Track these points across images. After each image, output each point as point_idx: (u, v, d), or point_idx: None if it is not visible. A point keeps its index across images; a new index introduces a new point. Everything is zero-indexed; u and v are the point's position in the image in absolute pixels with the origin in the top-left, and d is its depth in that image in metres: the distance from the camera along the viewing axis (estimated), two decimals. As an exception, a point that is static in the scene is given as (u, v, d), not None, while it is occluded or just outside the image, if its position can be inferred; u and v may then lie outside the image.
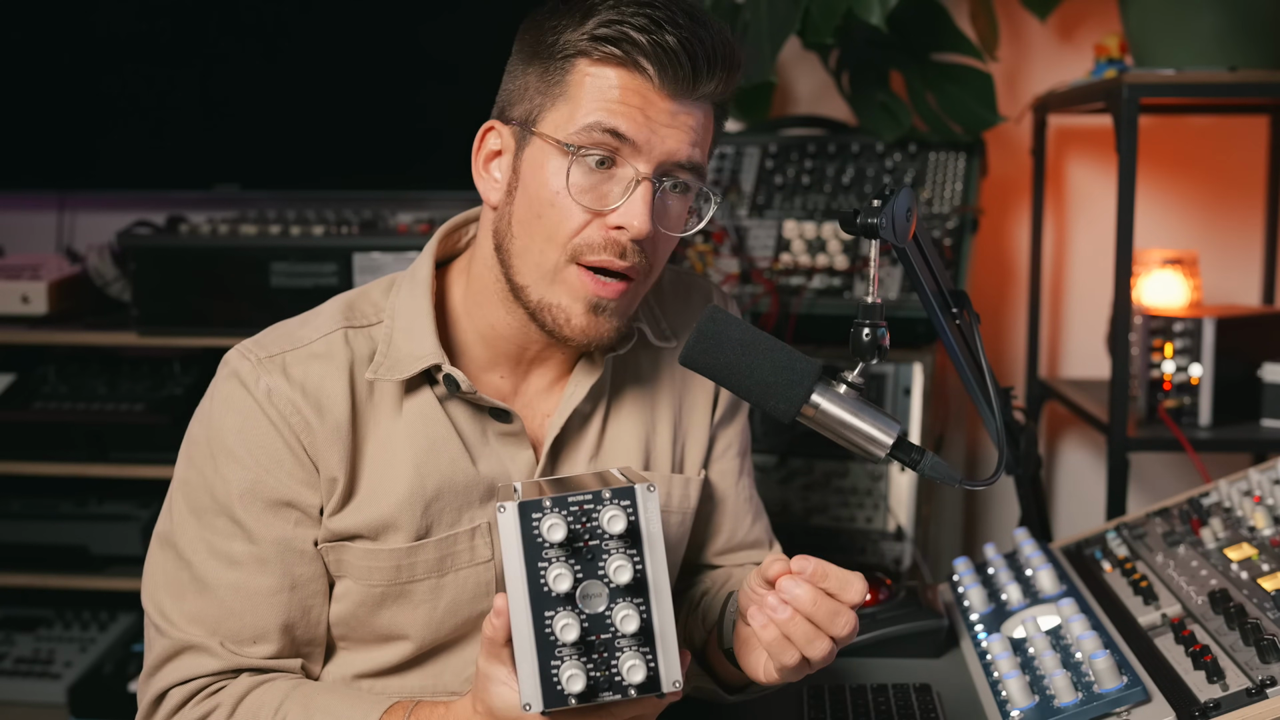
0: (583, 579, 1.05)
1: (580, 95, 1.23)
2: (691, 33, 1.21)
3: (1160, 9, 2.03)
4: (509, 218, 1.29)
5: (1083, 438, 2.68)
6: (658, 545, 1.06)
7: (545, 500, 1.05)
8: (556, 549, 1.05)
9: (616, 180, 1.24)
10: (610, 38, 1.21)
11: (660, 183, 1.25)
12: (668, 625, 1.06)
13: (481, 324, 1.34)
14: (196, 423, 1.31)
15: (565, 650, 1.04)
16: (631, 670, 1.04)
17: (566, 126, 1.23)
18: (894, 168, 2.36)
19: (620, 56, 1.21)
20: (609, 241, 1.24)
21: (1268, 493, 1.55)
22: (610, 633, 1.05)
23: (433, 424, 1.31)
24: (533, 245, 1.26)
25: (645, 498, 1.06)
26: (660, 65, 1.21)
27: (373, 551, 1.29)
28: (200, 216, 2.72)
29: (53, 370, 2.70)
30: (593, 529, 1.06)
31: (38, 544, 2.66)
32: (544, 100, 1.25)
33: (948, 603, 1.69)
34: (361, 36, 2.76)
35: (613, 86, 1.22)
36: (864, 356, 1.22)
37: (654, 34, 1.20)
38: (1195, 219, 2.61)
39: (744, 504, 1.53)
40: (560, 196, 1.24)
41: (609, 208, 1.24)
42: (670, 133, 1.23)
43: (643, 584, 1.06)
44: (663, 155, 1.23)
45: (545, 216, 1.25)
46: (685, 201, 1.30)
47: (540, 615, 1.04)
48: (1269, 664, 1.22)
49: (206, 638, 1.26)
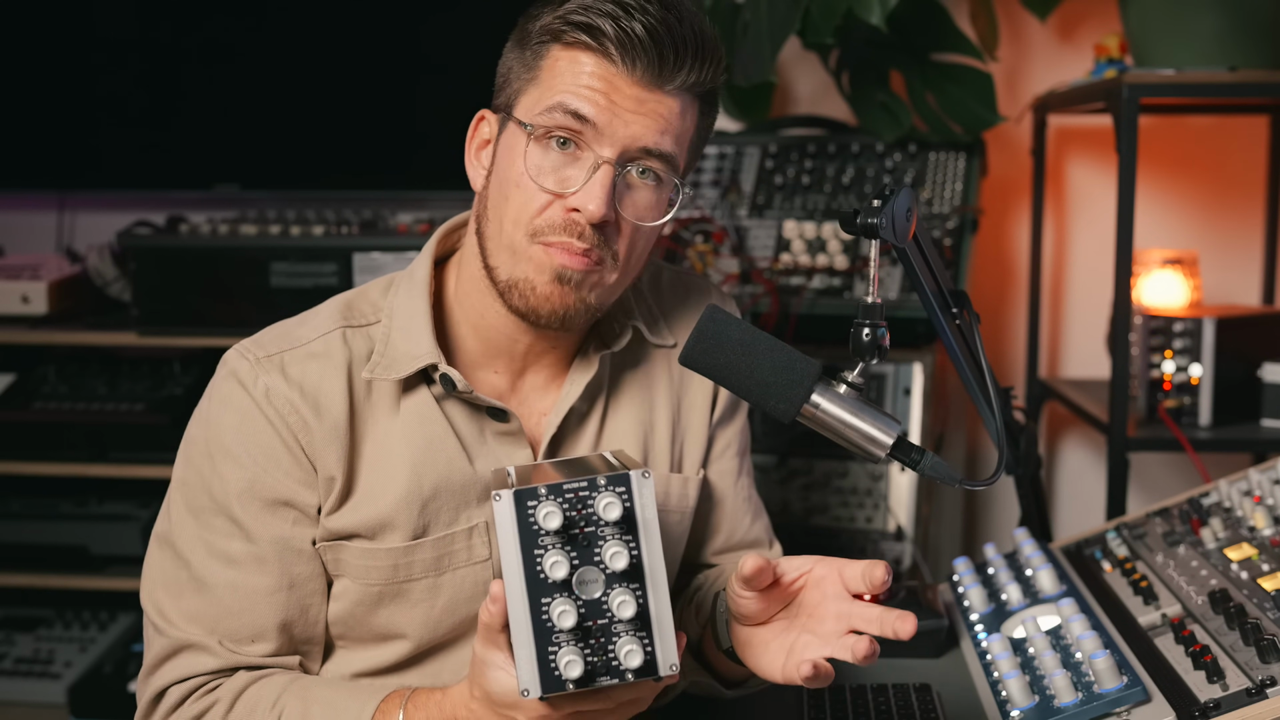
0: (579, 565, 1.05)
1: (550, 79, 1.25)
2: (660, 20, 1.23)
3: (1160, 9, 2.03)
4: (485, 202, 1.31)
5: (1083, 438, 2.68)
6: (653, 531, 1.07)
7: (541, 488, 1.05)
8: (553, 536, 1.05)
9: (579, 165, 1.25)
10: (580, 24, 1.23)
11: (623, 169, 1.26)
12: (664, 610, 1.06)
13: (472, 314, 1.35)
14: (195, 422, 1.32)
15: (563, 636, 1.04)
16: (629, 655, 1.04)
17: (533, 109, 1.26)
18: (894, 168, 2.36)
19: (588, 42, 1.23)
20: (568, 223, 1.25)
21: (1268, 493, 1.55)
22: (607, 618, 1.05)
23: (430, 423, 1.31)
24: (502, 227, 1.28)
25: (640, 484, 1.07)
26: (626, 52, 1.22)
27: (370, 551, 1.29)
28: (200, 216, 2.72)
29: (53, 370, 2.70)
30: (588, 516, 1.06)
31: (38, 544, 2.66)
32: (520, 85, 1.28)
33: (948, 603, 1.69)
34: (361, 36, 2.76)
35: (581, 71, 1.24)
36: (864, 356, 1.22)
37: (622, 20, 1.22)
38: (1195, 219, 2.61)
39: (743, 503, 1.53)
40: (523, 177, 1.25)
41: (568, 190, 1.25)
42: (635, 119, 1.24)
43: (639, 570, 1.06)
44: (626, 140, 1.24)
45: (511, 198, 1.27)
46: (659, 193, 1.29)
47: (537, 602, 1.04)
48: (1269, 664, 1.22)
49: (205, 636, 1.26)
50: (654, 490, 1.08)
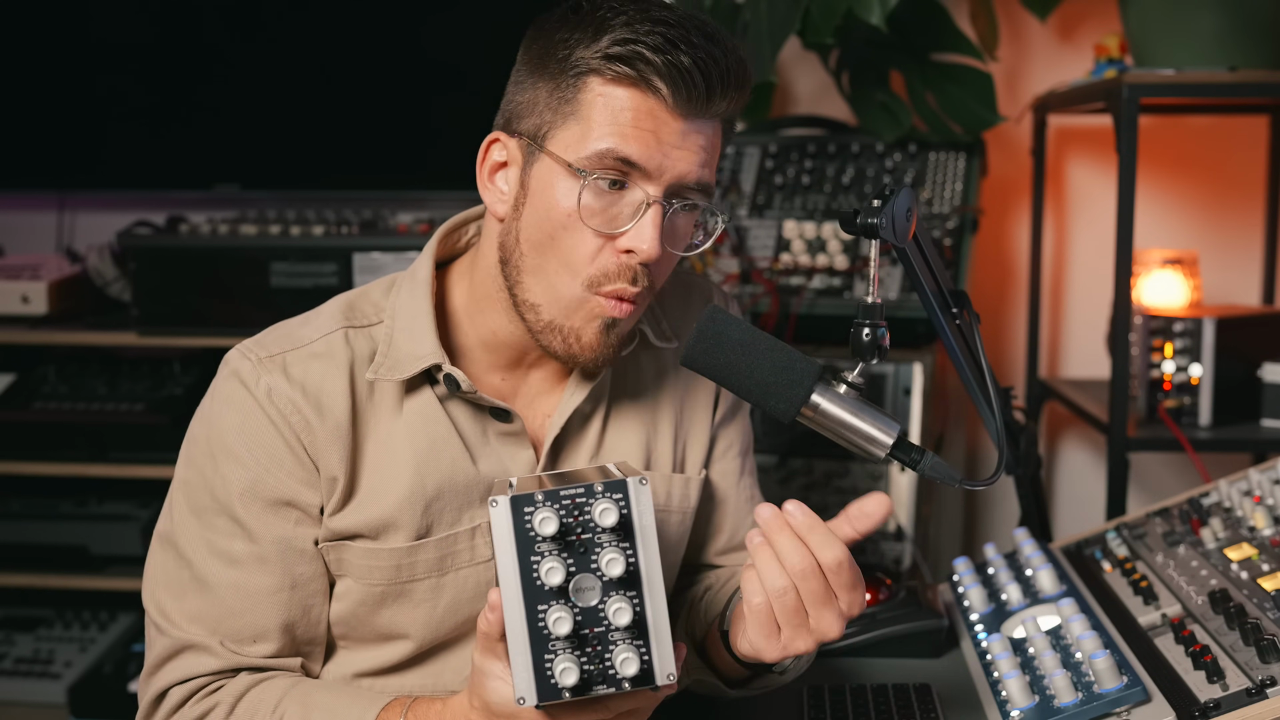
0: (575, 572, 1.05)
1: (592, 116, 1.21)
2: (707, 53, 1.20)
3: (1160, 9, 2.03)
4: (516, 233, 1.27)
5: (1083, 438, 2.68)
6: (650, 538, 1.07)
7: (537, 494, 1.05)
8: (549, 543, 1.05)
9: (626, 202, 1.23)
10: (624, 57, 1.19)
11: (670, 204, 1.24)
12: (661, 619, 1.06)
13: (483, 329, 1.34)
14: (197, 422, 1.32)
15: (558, 644, 1.04)
16: (625, 663, 1.04)
17: (578, 149, 1.22)
18: (894, 168, 2.36)
19: (633, 76, 1.19)
20: (622, 269, 1.23)
21: (1268, 493, 1.55)
22: (603, 626, 1.05)
23: (433, 423, 1.31)
24: (547, 268, 1.25)
25: (638, 491, 1.07)
26: (674, 86, 1.19)
27: (373, 551, 1.30)
28: (200, 216, 2.72)
29: (53, 370, 2.70)
30: (585, 522, 1.06)
31: (38, 544, 2.66)
32: (554, 118, 1.23)
33: (948, 603, 1.69)
34: (362, 36, 2.76)
35: (625, 109, 1.20)
36: (864, 356, 1.22)
37: (669, 54, 1.18)
38: (1195, 219, 2.61)
39: (745, 503, 1.53)
40: (572, 219, 1.22)
41: (619, 230, 1.23)
42: (681, 154, 1.22)
43: (635, 577, 1.06)
44: (673, 178, 1.23)
45: (558, 239, 1.24)
46: (692, 218, 1.29)
47: (533, 609, 1.04)
48: (1269, 664, 1.22)
49: (206, 637, 1.26)
50: (651, 497, 1.07)
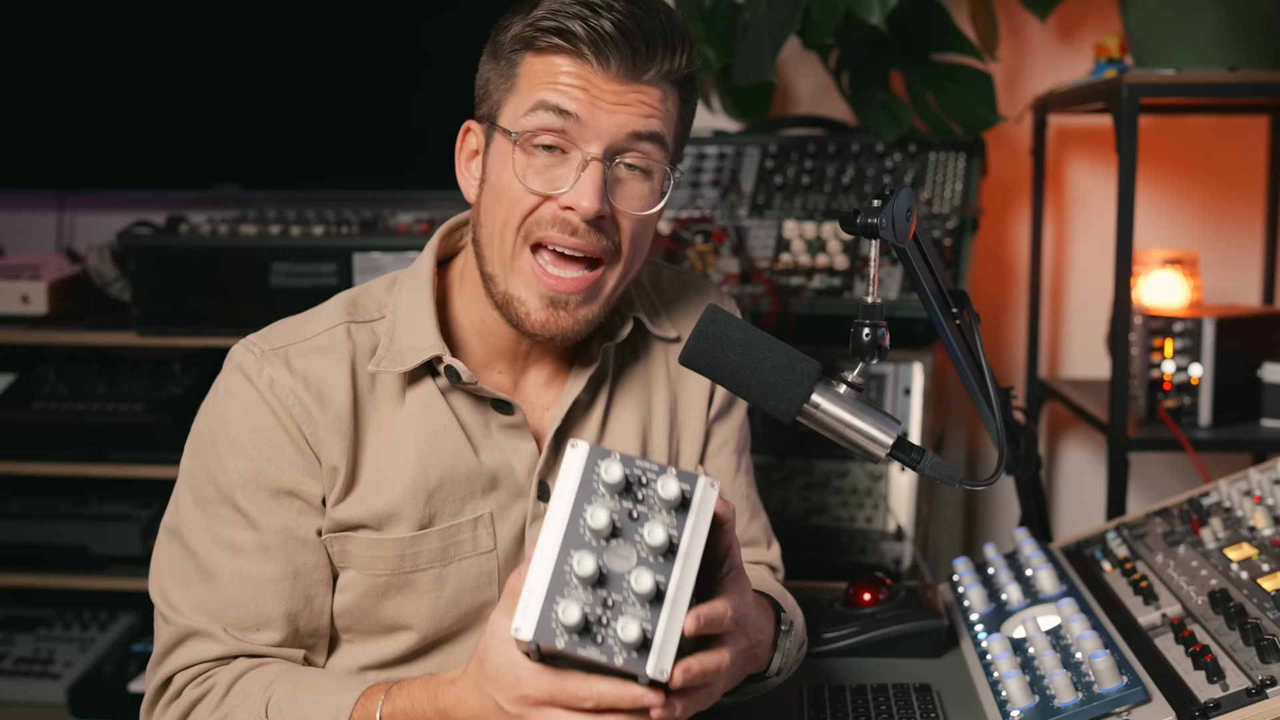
0: (619, 531, 1.05)
1: (528, 84, 1.27)
2: (628, 15, 1.24)
3: (1160, 9, 2.03)
4: (479, 212, 1.33)
5: (1083, 438, 2.68)
6: (699, 534, 1.05)
7: (616, 453, 1.06)
8: (607, 496, 1.06)
9: (568, 164, 1.27)
10: (550, 28, 1.25)
11: (612, 162, 1.27)
12: (677, 615, 1.04)
13: (476, 321, 1.37)
14: (201, 416, 1.34)
15: (574, 589, 1.03)
16: (626, 628, 1.02)
17: (515, 115, 1.27)
18: (894, 168, 2.36)
19: (560, 45, 1.25)
20: (558, 219, 1.27)
21: (1268, 493, 1.55)
22: (623, 594, 1.04)
23: (435, 415, 1.33)
24: (494, 232, 1.30)
25: (706, 488, 1.07)
26: (598, 50, 1.24)
27: (376, 541, 1.31)
28: (200, 216, 2.72)
29: (53, 370, 2.70)
30: (647, 495, 1.06)
31: (38, 544, 2.66)
32: (500, 95, 1.30)
33: (948, 603, 1.69)
34: (361, 36, 2.76)
35: (557, 72, 1.26)
36: (864, 356, 1.22)
37: (590, 19, 1.24)
38: (1195, 219, 2.61)
39: (740, 501, 1.53)
40: (512, 183, 1.27)
41: (559, 190, 1.26)
42: (617, 110, 1.26)
43: (671, 556, 1.05)
44: (612, 132, 1.26)
45: (501, 201, 1.29)
46: (650, 184, 1.31)
47: (566, 551, 1.04)
48: (1269, 664, 1.22)
49: (211, 624, 1.28)
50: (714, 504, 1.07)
